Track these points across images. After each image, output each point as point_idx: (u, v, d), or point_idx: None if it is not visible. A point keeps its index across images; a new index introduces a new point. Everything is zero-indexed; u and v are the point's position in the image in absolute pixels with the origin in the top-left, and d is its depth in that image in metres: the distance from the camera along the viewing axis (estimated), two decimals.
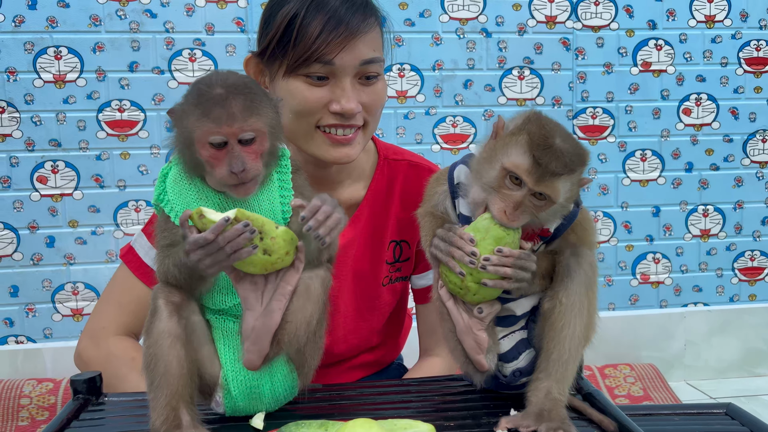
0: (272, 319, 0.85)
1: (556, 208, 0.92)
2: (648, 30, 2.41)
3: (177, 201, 0.91)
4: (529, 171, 0.88)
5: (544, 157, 0.87)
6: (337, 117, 1.13)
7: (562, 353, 0.93)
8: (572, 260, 0.94)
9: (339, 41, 1.09)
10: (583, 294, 0.93)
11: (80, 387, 1.08)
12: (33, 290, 2.21)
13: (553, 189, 0.88)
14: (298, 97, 1.13)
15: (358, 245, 1.28)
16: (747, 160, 2.51)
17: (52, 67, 2.15)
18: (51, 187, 2.19)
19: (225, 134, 0.85)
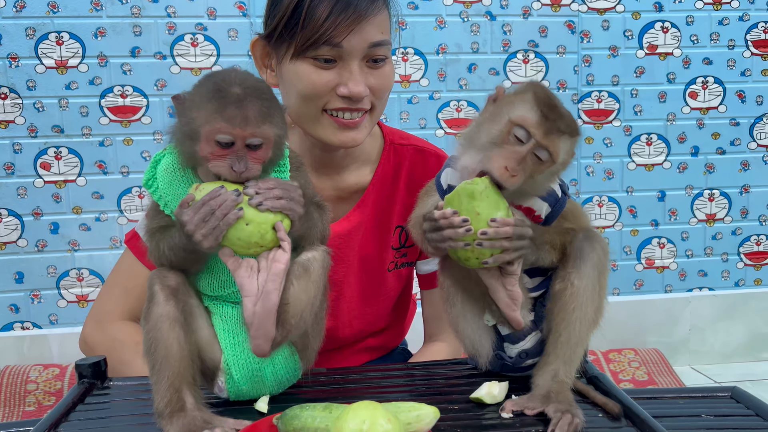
0: (270, 300, 0.85)
1: (552, 172, 0.92)
2: (654, 12, 2.39)
3: (166, 190, 0.91)
4: (538, 123, 0.89)
5: (551, 113, 0.89)
6: (344, 100, 1.12)
7: (571, 335, 0.93)
8: (586, 243, 0.94)
9: (347, 24, 1.08)
10: (596, 278, 0.94)
11: (85, 371, 1.08)
12: (38, 277, 2.22)
13: (557, 145, 0.89)
14: (305, 80, 1.12)
15: (364, 230, 1.27)
16: (753, 143, 2.49)
17: (53, 53, 2.14)
18: (54, 173, 2.19)
19: (235, 136, 0.84)
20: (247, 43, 2.20)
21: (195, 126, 0.85)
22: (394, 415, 0.74)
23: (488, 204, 0.87)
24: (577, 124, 0.93)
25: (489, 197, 0.87)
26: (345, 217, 1.27)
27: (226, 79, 0.86)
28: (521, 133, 0.90)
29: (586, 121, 2.41)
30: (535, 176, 0.91)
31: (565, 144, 0.91)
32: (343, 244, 1.26)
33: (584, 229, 0.98)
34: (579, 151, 2.40)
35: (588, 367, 1.09)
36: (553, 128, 0.89)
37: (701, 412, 0.98)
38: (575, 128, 0.92)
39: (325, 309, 0.97)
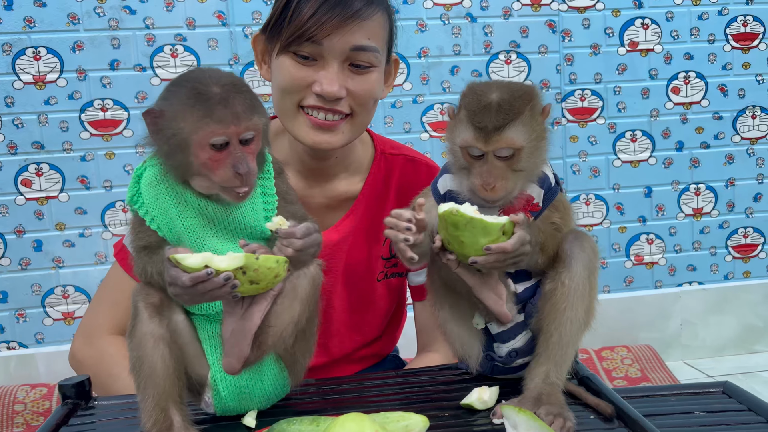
0: (251, 322, 0.84)
1: (530, 152, 0.91)
2: (634, 9, 2.39)
3: (153, 205, 0.89)
4: (476, 138, 0.90)
5: (481, 119, 0.89)
6: (319, 99, 1.11)
7: (562, 336, 0.92)
8: (575, 243, 0.94)
9: (331, 23, 1.08)
10: (586, 277, 0.93)
11: (69, 392, 1.06)
12: (22, 295, 2.19)
13: (506, 140, 0.89)
14: (284, 73, 1.12)
15: (354, 239, 1.26)
16: (737, 137, 2.51)
17: (31, 68, 2.11)
18: (36, 190, 2.16)
19: (229, 135, 0.83)
20: (227, 53, 2.20)
21: (183, 136, 0.83)
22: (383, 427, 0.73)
23: (472, 233, 0.86)
24: (523, 94, 0.91)
25: (475, 228, 0.86)
26: (334, 226, 1.26)
27: (202, 81, 0.85)
28: (473, 151, 0.91)
29: (571, 120, 2.41)
30: (519, 168, 0.91)
31: (516, 128, 0.89)
32: (333, 254, 1.25)
33: (570, 227, 0.97)
34: (564, 151, 2.42)
35: (579, 367, 1.08)
36: (489, 131, 0.89)
37: (694, 408, 0.98)
38: (516, 107, 0.90)
39: (315, 324, 0.95)
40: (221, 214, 0.89)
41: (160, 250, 0.86)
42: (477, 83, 0.96)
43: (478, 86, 0.95)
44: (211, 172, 0.84)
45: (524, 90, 0.93)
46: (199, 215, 0.88)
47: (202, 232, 0.88)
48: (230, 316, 0.84)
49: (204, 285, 0.79)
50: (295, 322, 0.88)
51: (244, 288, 0.81)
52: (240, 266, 0.79)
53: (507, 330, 1.00)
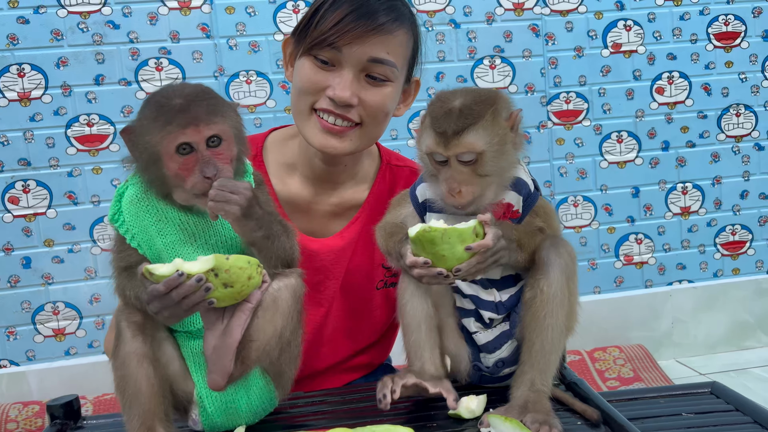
0: (232, 337, 0.84)
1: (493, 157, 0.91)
2: (616, 11, 2.41)
3: (133, 223, 0.89)
4: (437, 143, 0.91)
5: (441, 124, 0.91)
6: (331, 103, 1.14)
7: (544, 343, 0.92)
8: (551, 250, 0.94)
9: (354, 33, 1.10)
10: (564, 283, 0.93)
11: (57, 412, 1.06)
12: (12, 313, 2.18)
13: (466, 144, 0.90)
14: (303, 75, 1.15)
15: (356, 247, 1.27)
16: (722, 135, 2.52)
17: (15, 86, 2.11)
18: (23, 207, 2.15)
19: (191, 137, 0.84)
20: (212, 65, 2.20)
21: (152, 149, 0.85)
22: None
23: (451, 245, 0.87)
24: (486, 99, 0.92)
25: (451, 238, 0.87)
26: (338, 233, 1.28)
27: (164, 95, 0.86)
28: (437, 157, 0.92)
29: (556, 123, 2.42)
30: (484, 173, 0.91)
31: (477, 132, 0.90)
32: (335, 260, 1.26)
33: (554, 231, 0.97)
34: (551, 153, 2.43)
35: (566, 373, 1.09)
36: (449, 135, 0.90)
37: (682, 410, 0.98)
38: (477, 111, 0.91)
39: (300, 336, 0.95)
40: (202, 228, 0.89)
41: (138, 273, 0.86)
42: (445, 91, 0.98)
43: (443, 93, 0.96)
44: (183, 182, 0.85)
45: (488, 95, 0.93)
46: (179, 231, 0.88)
47: (182, 248, 0.88)
48: (211, 332, 0.84)
49: (178, 290, 0.79)
50: (279, 335, 0.88)
51: (219, 293, 0.81)
52: (211, 268, 0.79)
53: (492, 340, 1.00)
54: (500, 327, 1.01)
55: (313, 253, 1.24)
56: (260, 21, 2.21)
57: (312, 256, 1.24)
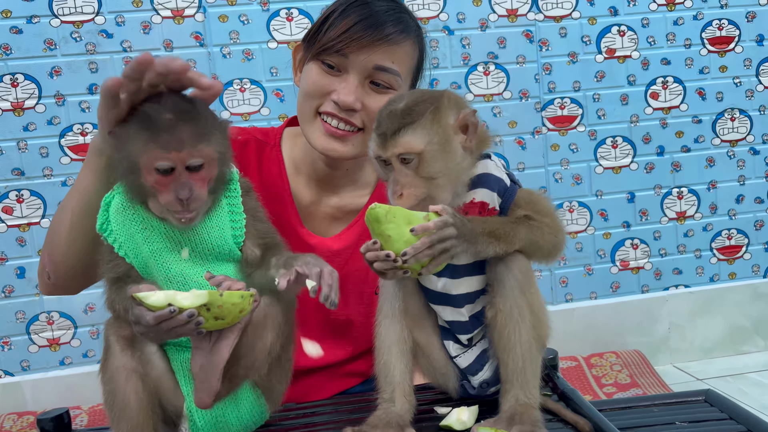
0: (219, 356, 0.83)
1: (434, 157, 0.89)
2: (610, 16, 2.41)
3: (120, 231, 0.88)
4: (378, 145, 0.91)
5: (381, 125, 0.90)
6: (335, 107, 1.16)
7: (516, 361, 0.92)
8: (501, 267, 0.93)
9: (362, 42, 1.13)
10: (519, 297, 0.92)
11: (47, 425, 1.06)
12: (6, 323, 2.17)
13: (404, 144, 0.89)
14: (309, 78, 1.18)
15: (353, 250, 1.28)
16: (717, 139, 2.52)
17: (9, 95, 2.11)
18: (17, 216, 2.14)
19: (173, 160, 0.83)
20: (205, 73, 2.18)
21: (133, 158, 0.84)
22: None
23: (396, 224, 0.84)
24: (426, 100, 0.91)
25: (396, 216, 0.84)
26: (337, 235, 1.30)
27: (156, 106, 0.85)
28: (380, 159, 0.92)
29: (551, 128, 2.42)
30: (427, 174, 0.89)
31: (414, 133, 0.89)
32: (330, 261, 1.26)
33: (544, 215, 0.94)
34: (545, 159, 2.43)
35: (559, 382, 1.08)
36: (386, 136, 0.90)
37: (675, 419, 0.98)
38: (413, 113, 0.89)
39: (291, 350, 0.95)
40: (188, 236, 0.88)
41: (127, 287, 0.85)
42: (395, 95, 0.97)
43: (394, 97, 0.96)
44: (158, 195, 0.85)
45: (432, 95, 0.92)
46: (165, 239, 0.88)
47: (169, 256, 0.88)
48: (198, 351, 0.83)
49: (168, 323, 0.79)
50: (268, 351, 0.88)
51: (209, 324, 0.81)
52: (204, 303, 0.79)
53: (473, 362, 1.00)
54: (480, 345, 1.00)
55: (310, 247, 1.26)
56: (254, 29, 2.21)
57: (309, 250, 1.25)
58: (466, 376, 1.01)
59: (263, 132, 1.34)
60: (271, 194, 1.27)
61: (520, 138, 2.40)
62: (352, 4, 1.17)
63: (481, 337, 1.00)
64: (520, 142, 2.40)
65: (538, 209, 0.95)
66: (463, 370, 1.01)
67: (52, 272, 1.14)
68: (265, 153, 1.31)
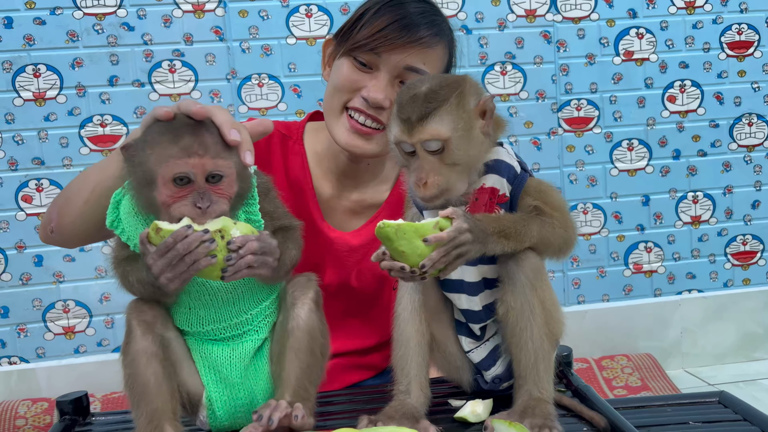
0: None
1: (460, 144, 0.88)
2: (629, 19, 2.41)
3: (132, 231, 0.89)
4: (402, 130, 0.89)
5: (405, 110, 0.89)
6: (364, 103, 1.17)
7: (528, 357, 0.92)
8: (511, 264, 0.92)
9: (396, 43, 1.14)
10: (529, 294, 0.92)
11: (66, 408, 1.07)
12: (23, 310, 2.20)
13: (431, 131, 0.87)
14: (340, 73, 1.20)
15: (372, 246, 1.29)
16: (734, 144, 2.51)
17: (31, 85, 2.13)
18: (36, 205, 2.17)
19: (193, 168, 0.81)
20: (224, 68, 2.22)
21: (150, 166, 0.82)
22: None
23: (408, 240, 0.83)
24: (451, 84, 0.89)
25: (406, 233, 0.83)
26: (356, 230, 1.31)
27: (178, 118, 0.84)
28: (404, 146, 0.90)
29: (567, 130, 2.42)
30: (452, 161, 0.88)
31: (442, 118, 0.88)
32: (348, 255, 1.30)
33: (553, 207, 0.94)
34: (561, 160, 2.43)
35: (573, 379, 1.09)
36: (412, 121, 0.88)
37: (689, 419, 0.98)
38: (440, 96, 0.88)
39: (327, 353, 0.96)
40: None
41: (140, 262, 0.86)
42: (414, 79, 0.96)
43: (412, 81, 0.95)
44: (170, 208, 0.83)
45: (454, 80, 0.91)
46: None
47: None
48: None
49: (183, 242, 0.78)
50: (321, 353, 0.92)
51: (221, 252, 0.80)
52: (218, 228, 0.80)
53: (486, 357, 1.00)
54: (493, 341, 1.01)
55: (330, 241, 1.28)
56: (273, 25, 2.22)
57: (329, 243, 1.28)
58: (480, 370, 1.02)
59: (286, 126, 1.36)
60: (293, 188, 1.29)
61: (535, 138, 2.40)
62: (387, 4, 1.18)
63: (494, 332, 1.00)
64: (536, 143, 2.40)
65: (547, 201, 0.95)
66: (476, 365, 1.01)
67: (56, 229, 1.15)
68: (288, 147, 1.32)
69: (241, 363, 0.91)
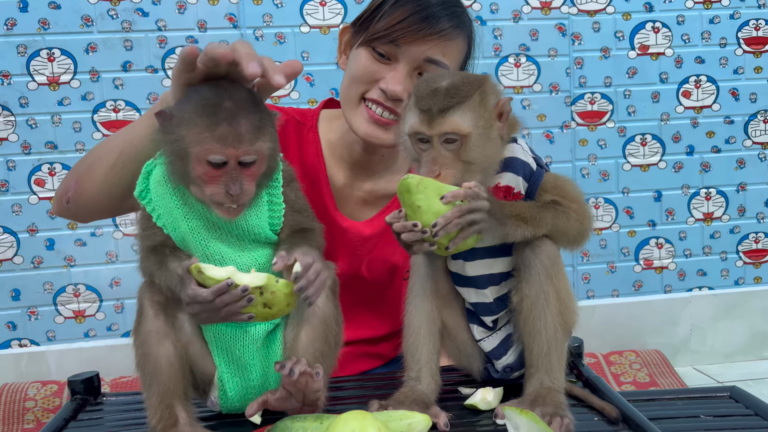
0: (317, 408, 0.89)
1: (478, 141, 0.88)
2: (645, 12, 2.39)
3: (160, 204, 0.89)
4: (421, 121, 0.88)
5: (425, 102, 0.88)
6: (382, 95, 1.17)
7: (541, 346, 0.92)
8: (528, 252, 0.92)
9: (417, 35, 1.13)
10: (545, 283, 0.91)
11: (78, 387, 1.08)
12: (34, 293, 2.21)
13: (452, 123, 0.87)
14: (358, 64, 1.18)
15: (384, 236, 1.30)
16: (749, 141, 2.49)
17: (45, 69, 2.14)
18: (49, 189, 2.18)
19: (228, 156, 0.82)
20: None
21: (184, 145, 0.83)
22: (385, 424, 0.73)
23: (427, 195, 0.84)
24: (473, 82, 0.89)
25: (427, 188, 0.84)
26: (369, 220, 1.31)
27: (216, 92, 0.83)
28: (420, 137, 0.89)
29: (580, 123, 2.41)
30: (467, 158, 0.88)
31: (463, 113, 0.87)
32: (360, 245, 1.30)
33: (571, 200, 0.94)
34: (573, 154, 2.42)
35: (584, 370, 1.08)
36: (432, 114, 0.87)
37: (700, 412, 0.98)
38: (462, 92, 0.88)
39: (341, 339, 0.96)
40: (225, 220, 0.88)
41: (169, 260, 0.86)
42: (431, 73, 0.95)
43: (430, 75, 0.94)
44: (204, 185, 0.84)
45: (475, 78, 0.91)
46: (203, 218, 0.88)
47: (207, 234, 0.88)
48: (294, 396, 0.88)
49: (222, 298, 0.80)
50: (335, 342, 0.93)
51: (257, 309, 0.82)
52: (259, 285, 0.81)
53: (497, 346, 1.00)
54: (505, 330, 1.00)
55: (343, 230, 1.28)
56: (287, 13, 2.22)
57: (341, 233, 1.28)
58: (491, 359, 1.02)
59: (301, 113, 1.35)
60: (308, 176, 1.29)
61: (548, 132, 2.39)
62: None
63: (506, 321, 1.00)
64: (548, 136, 2.39)
65: (564, 194, 0.94)
66: (488, 354, 1.01)
67: (73, 199, 1.13)
68: (303, 134, 1.32)
69: (254, 345, 0.91)
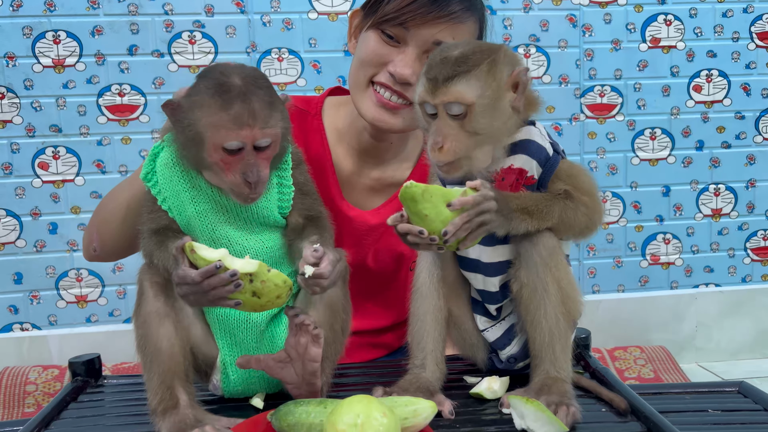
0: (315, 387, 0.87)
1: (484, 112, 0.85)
2: (657, 5, 2.36)
3: (166, 186, 0.88)
4: (426, 90, 0.86)
5: (433, 70, 0.86)
6: (390, 79, 1.15)
7: (543, 336, 0.90)
8: (525, 242, 0.91)
9: (427, 17, 1.11)
10: (543, 272, 0.90)
11: (79, 369, 1.07)
12: (37, 277, 2.20)
13: (455, 93, 0.84)
14: (367, 47, 1.16)
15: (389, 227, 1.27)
16: (759, 137, 2.46)
17: (51, 52, 2.12)
18: (52, 173, 2.17)
19: (244, 139, 0.81)
20: (245, 40, 2.19)
21: (199, 129, 0.82)
22: (390, 410, 0.72)
23: (433, 204, 0.81)
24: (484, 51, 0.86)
25: (433, 196, 0.82)
26: (375, 209, 1.29)
27: (224, 72, 0.83)
28: (427, 108, 0.87)
29: (589, 116, 2.38)
30: (472, 129, 0.86)
31: (469, 82, 0.85)
32: (367, 234, 1.28)
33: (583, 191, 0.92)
34: (582, 147, 2.40)
35: (591, 362, 1.07)
36: (437, 82, 0.85)
37: (708, 407, 0.96)
38: (471, 61, 0.85)
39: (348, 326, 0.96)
40: (234, 203, 0.88)
41: (169, 242, 0.85)
42: (447, 43, 0.93)
43: (448, 43, 0.92)
44: (221, 173, 0.83)
45: (489, 47, 0.89)
46: (211, 201, 0.87)
47: (215, 217, 0.87)
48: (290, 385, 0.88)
49: (210, 281, 0.78)
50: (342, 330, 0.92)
51: (245, 297, 0.80)
52: (250, 272, 0.79)
53: (501, 336, 0.99)
54: (508, 320, 0.99)
55: (349, 219, 1.26)
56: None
57: (347, 222, 1.26)
58: (495, 349, 1.01)
59: (304, 101, 1.33)
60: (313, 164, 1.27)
61: (557, 124, 2.36)
62: None
63: (509, 311, 0.99)
64: (557, 128, 2.36)
65: (578, 185, 0.92)
66: (492, 344, 1.00)
67: (99, 247, 1.19)
68: (307, 122, 1.30)
69: (257, 328, 0.90)
